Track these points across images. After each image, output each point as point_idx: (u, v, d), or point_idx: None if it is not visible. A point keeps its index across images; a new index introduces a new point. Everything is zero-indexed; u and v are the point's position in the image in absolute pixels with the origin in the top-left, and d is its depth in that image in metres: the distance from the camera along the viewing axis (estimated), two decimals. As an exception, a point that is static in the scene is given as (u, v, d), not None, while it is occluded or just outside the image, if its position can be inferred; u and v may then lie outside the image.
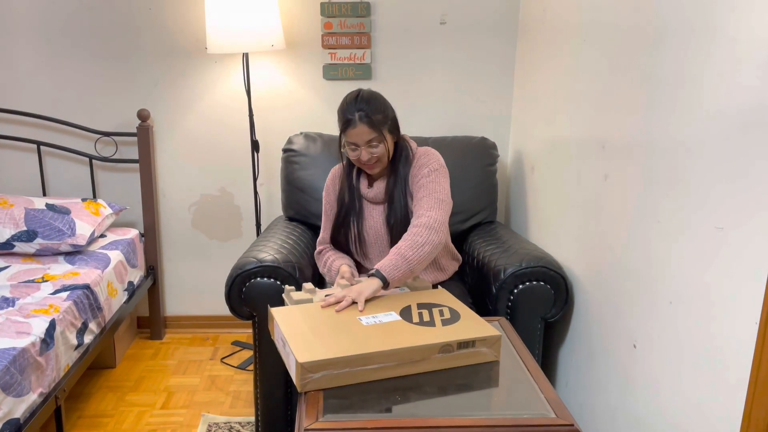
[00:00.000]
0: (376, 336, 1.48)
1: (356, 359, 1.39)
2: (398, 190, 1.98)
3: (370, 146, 1.89)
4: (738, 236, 1.23)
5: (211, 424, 2.28)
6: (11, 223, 2.46)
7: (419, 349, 1.45)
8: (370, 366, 1.41)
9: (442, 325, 1.54)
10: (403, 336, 1.48)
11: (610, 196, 1.78)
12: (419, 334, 1.49)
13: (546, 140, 2.35)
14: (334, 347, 1.42)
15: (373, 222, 2.05)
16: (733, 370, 1.24)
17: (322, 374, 1.38)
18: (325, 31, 2.73)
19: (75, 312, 2.13)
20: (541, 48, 2.43)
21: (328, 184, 2.12)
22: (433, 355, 1.46)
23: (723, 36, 1.28)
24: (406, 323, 1.56)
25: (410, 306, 1.67)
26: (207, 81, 2.79)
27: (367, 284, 1.70)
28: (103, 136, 2.81)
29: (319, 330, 1.51)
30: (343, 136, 1.92)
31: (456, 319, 1.59)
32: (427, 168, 1.94)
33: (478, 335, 1.50)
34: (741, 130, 1.22)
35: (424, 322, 1.57)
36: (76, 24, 2.72)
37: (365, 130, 1.87)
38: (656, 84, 1.53)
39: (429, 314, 1.61)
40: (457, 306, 1.68)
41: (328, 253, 2.12)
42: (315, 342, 1.45)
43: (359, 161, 1.94)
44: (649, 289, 1.57)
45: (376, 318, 1.59)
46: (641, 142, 1.60)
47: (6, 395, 1.67)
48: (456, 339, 1.48)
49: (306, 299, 1.74)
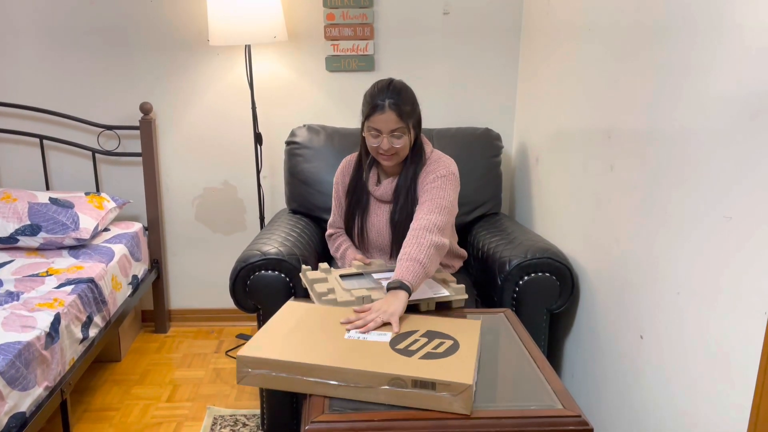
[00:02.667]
0: (338, 351, 1.38)
1: (295, 367, 1.33)
2: (406, 190, 1.96)
3: (393, 136, 1.87)
4: (746, 225, 1.22)
5: (216, 417, 2.29)
6: (15, 217, 2.46)
7: (365, 374, 1.30)
8: (309, 378, 1.33)
9: (419, 358, 1.36)
10: (365, 358, 1.35)
11: (617, 187, 1.77)
12: (380, 360, 1.34)
13: (551, 131, 2.33)
14: (283, 350, 1.38)
15: (377, 220, 2.05)
16: (741, 361, 1.23)
17: (259, 372, 1.35)
18: (328, 23, 2.71)
19: (80, 306, 2.13)
20: (545, 38, 2.41)
21: (339, 172, 2.13)
22: (381, 386, 1.29)
23: (729, 24, 1.26)
24: (387, 347, 1.41)
25: (416, 331, 1.51)
26: (209, 73, 2.78)
27: (393, 301, 1.56)
28: (105, 130, 2.80)
29: (298, 331, 1.48)
30: (367, 121, 1.88)
31: (446, 355, 1.38)
32: (434, 174, 1.91)
33: (440, 377, 1.27)
34: (749, 118, 1.20)
35: (407, 350, 1.40)
36: (78, 17, 2.71)
37: (392, 118, 1.84)
38: (663, 73, 1.52)
39: (423, 344, 1.44)
40: (467, 343, 1.45)
41: (340, 239, 2.14)
42: (275, 340, 1.43)
43: (377, 150, 1.91)
44: (656, 280, 1.56)
45: (365, 334, 1.49)
46: (648, 132, 1.59)
47: (12, 389, 1.67)
48: (412, 375, 1.28)
49: (321, 278, 1.81)
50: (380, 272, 1.90)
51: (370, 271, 1.91)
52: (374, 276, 1.86)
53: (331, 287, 1.74)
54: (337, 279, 1.83)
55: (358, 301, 1.67)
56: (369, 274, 1.89)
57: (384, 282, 1.77)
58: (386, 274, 1.87)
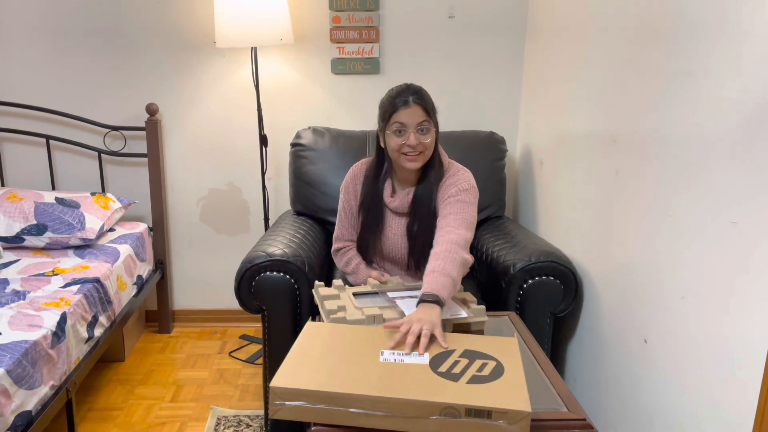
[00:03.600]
0: (379, 377, 1.28)
1: (335, 398, 1.22)
2: (427, 201, 1.88)
3: (419, 131, 1.80)
4: (752, 231, 1.22)
5: (219, 418, 2.29)
6: (21, 216, 2.47)
7: (414, 404, 1.20)
8: (352, 409, 1.23)
9: (466, 382, 1.27)
10: (407, 384, 1.25)
11: (622, 191, 1.78)
12: (426, 387, 1.25)
13: (555, 134, 2.34)
14: (320, 378, 1.27)
15: (392, 233, 1.97)
16: (746, 366, 1.24)
17: (295, 404, 1.23)
18: (334, 25, 2.72)
19: (85, 305, 2.14)
20: (550, 42, 2.42)
21: (348, 182, 2.01)
22: (432, 416, 1.21)
23: (736, 29, 1.27)
24: (429, 371, 1.31)
25: (454, 351, 1.41)
26: (215, 75, 2.79)
27: (431, 313, 1.47)
28: (111, 131, 2.81)
29: (329, 356, 1.36)
30: (390, 119, 1.80)
31: (493, 378, 1.30)
32: (457, 187, 1.85)
33: (496, 405, 1.19)
34: (756, 123, 1.21)
35: (450, 373, 1.31)
36: (85, 19, 2.72)
37: (419, 111, 1.79)
38: (669, 78, 1.52)
39: (465, 366, 1.34)
40: (511, 364, 1.36)
41: (350, 253, 2.05)
42: (307, 368, 1.31)
43: (403, 147, 1.81)
44: (660, 284, 1.56)
45: (400, 356, 1.37)
46: (654, 136, 1.60)
47: (18, 388, 1.68)
48: (466, 403, 1.19)
49: (333, 295, 1.73)
50: (396, 291, 1.80)
51: (385, 290, 1.81)
52: (389, 295, 1.76)
53: (342, 305, 1.67)
54: (350, 297, 1.74)
55: (369, 320, 1.58)
56: (384, 293, 1.80)
57: (399, 301, 1.69)
58: (402, 293, 1.77)
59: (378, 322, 1.59)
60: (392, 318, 1.60)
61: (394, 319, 1.59)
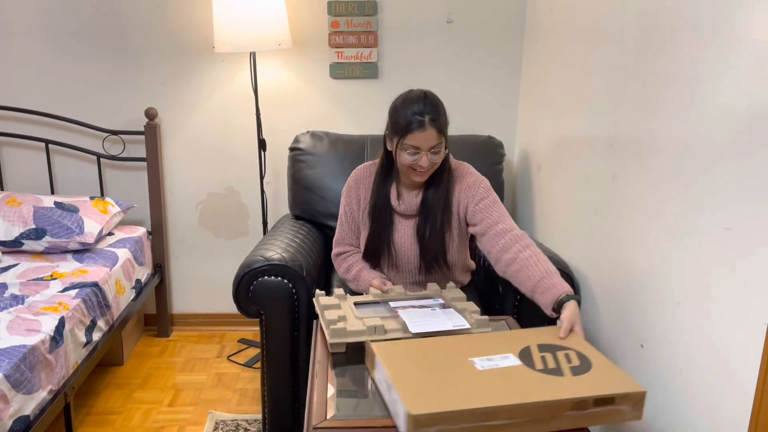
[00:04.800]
0: (496, 385, 1.28)
1: (476, 414, 1.20)
2: (437, 206, 1.88)
3: (431, 152, 1.78)
4: (747, 237, 1.23)
5: (218, 422, 2.30)
6: (20, 221, 2.48)
7: (549, 405, 1.23)
8: (493, 422, 1.21)
9: (572, 375, 1.33)
10: (529, 387, 1.28)
11: (618, 196, 1.78)
12: (547, 386, 1.28)
13: (553, 139, 2.35)
14: (450, 397, 1.23)
15: (399, 236, 1.95)
16: (741, 371, 1.24)
17: (436, 429, 1.19)
18: (332, 30, 2.73)
19: (84, 310, 2.14)
20: (548, 46, 2.43)
21: (351, 186, 2.00)
22: (565, 413, 1.24)
23: (731, 36, 1.28)
24: (529, 370, 1.35)
25: (529, 347, 1.45)
26: (214, 80, 2.80)
27: (576, 310, 1.56)
28: (111, 135, 2.82)
29: (427, 373, 1.34)
30: (403, 139, 1.77)
31: (588, 366, 1.37)
32: (479, 189, 1.89)
33: (619, 391, 1.27)
34: (749, 129, 1.22)
35: (550, 369, 1.36)
36: (84, 23, 2.74)
37: (433, 134, 1.75)
38: (663, 83, 1.53)
39: (554, 359, 1.40)
40: (586, 350, 1.45)
41: (351, 259, 2.03)
42: (426, 388, 1.27)
43: (414, 166, 1.80)
44: (656, 289, 1.57)
45: (492, 361, 1.38)
46: (649, 142, 1.60)
47: (16, 392, 1.68)
48: (593, 394, 1.25)
49: (333, 304, 1.72)
50: (398, 301, 1.79)
51: (387, 299, 1.81)
52: (391, 304, 1.76)
53: (343, 315, 1.66)
54: (351, 306, 1.73)
55: (370, 331, 1.58)
56: (385, 302, 1.79)
57: (401, 311, 1.68)
58: (404, 303, 1.76)
59: (379, 333, 1.58)
60: (394, 329, 1.60)
61: (396, 330, 1.60)
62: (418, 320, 1.63)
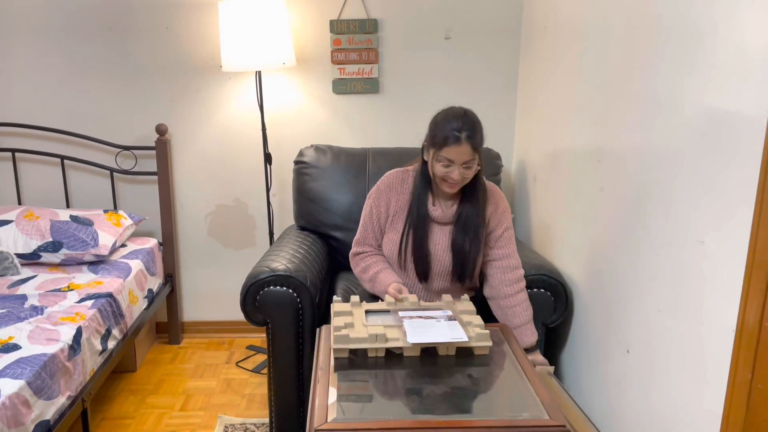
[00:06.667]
0: None
1: None
2: (475, 216, 1.97)
3: (464, 167, 1.87)
4: (716, 250, 1.31)
5: (227, 425, 2.39)
6: (38, 234, 2.59)
7: None
8: None
9: None
10: None
11: (605, 208, 1.87)
12: None
13: (547, 151, 2.44)
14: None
15: (433, 242, 2.01)
16: (713, 374, 1.33)
17: None
18: (335, 48, 2.83)
19: (99, 319, 2.25)
20: (542, 61, 2.52)
21: (381, 189, 2.05)
22: None
23: (711, 53, 1.36)
24: None
25: None
26: (222, 97, 2.91)
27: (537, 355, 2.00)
28: (123, 150, 2.93)
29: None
30: (440, 151, 1.86)
31: None
32: (510, 217, 2.06)
33: None
34: (720, 146, 1.30)
35: None
36: (97, 44, 2.85)
37: (467, 150, 1.84)
38: (645, 100, 1.62)
39: None
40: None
41: (369, 259, 2.08)
42: None
43: (446, 178, 1.89)
44: (640, 298, 1.65)
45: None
46: (632, 156, 1.69)
47: (38, 398, 1.79)
48: None
49: (345, 311, 1.80)
50: (408, 311, 1.83)
51: (398, 308, 1.85)
52: (400, 314, 1.79)
53: (350, 322, 1.73)
54: (362, 314, 1.80)
55: (371, 339, 1.65)
56: (396, 312, 1.83)
57: (406, 321, 1.74)
58: (412, 313, 1.80)
59: (380, 341, 1.66)
60: (394, 338, 1.68)
61: (395, 339, 1.68)
62: (419, 330, 1.70)
